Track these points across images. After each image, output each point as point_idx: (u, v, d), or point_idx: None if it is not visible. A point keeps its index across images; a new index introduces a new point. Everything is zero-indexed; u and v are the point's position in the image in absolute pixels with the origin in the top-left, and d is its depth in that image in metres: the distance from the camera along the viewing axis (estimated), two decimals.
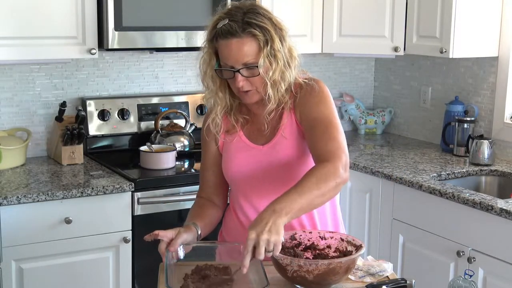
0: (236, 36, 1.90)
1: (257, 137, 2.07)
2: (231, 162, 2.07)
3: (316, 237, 1.94)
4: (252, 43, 1.91)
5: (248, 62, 1.92)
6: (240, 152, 2.06)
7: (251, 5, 1.97)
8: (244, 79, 1.94)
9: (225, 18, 1.92)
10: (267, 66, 1.93)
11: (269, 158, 2.03)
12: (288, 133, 2.02)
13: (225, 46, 1.92)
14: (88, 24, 3.07)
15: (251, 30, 1.90)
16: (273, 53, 1.94)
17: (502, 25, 3.44)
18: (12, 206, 2.73)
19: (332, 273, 1.75)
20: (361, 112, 4.17)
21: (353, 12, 3.63)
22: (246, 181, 2.06)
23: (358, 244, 1.88)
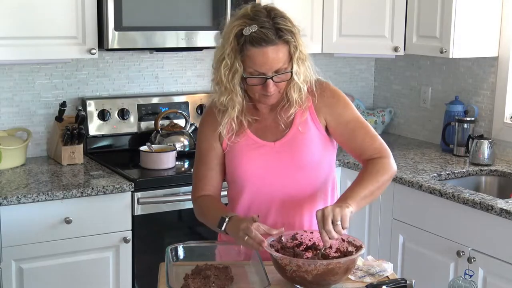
0: (272, 44, 1.89)
1: (265, 134, 2.06)
2: (241, 160, 2.06)
3: (318, 237, 1.93)
4: (285, 49, 1.92)
5: (280, 68, 1.92)
6: (250, 150, 2.05)
7: (272, 8, 1.96)
8: (274, 84, 1.94)
9: (252, 24, 1.89)
10: (298, 71, 1.95)
11: (281, 154, 2.03)
12: (304, 129, 2.03)
13: (259, 54, 1.89)
14: (88, 24, 3.07)
15: (285, 37, 1.91)
16: (301, 57, 1.96)
17: (502, 25, 3.44)
18: (12, 206, 2.73)
19: (331, 273, 1.75)
20: (361, 112, 4.17)
21: (353, 12, 3.63)
22: (256, 179, 2.05)
23: (358, 244, 1.88)
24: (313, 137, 2.05)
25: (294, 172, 2.03)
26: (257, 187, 2.05)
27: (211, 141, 2.10)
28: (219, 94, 2.00)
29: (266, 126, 2.07)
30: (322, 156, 2.08)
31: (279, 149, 2.03)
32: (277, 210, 2.06)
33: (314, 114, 2.06)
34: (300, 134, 2.03)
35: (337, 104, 2.08)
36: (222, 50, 1.95)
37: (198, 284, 1.77)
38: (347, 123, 2.06)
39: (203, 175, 2.13)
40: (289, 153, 2.03)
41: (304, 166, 2.04)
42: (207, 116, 2.12)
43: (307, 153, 2.04)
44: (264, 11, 1.93)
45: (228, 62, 1.93)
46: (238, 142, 2.05)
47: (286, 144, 2.03)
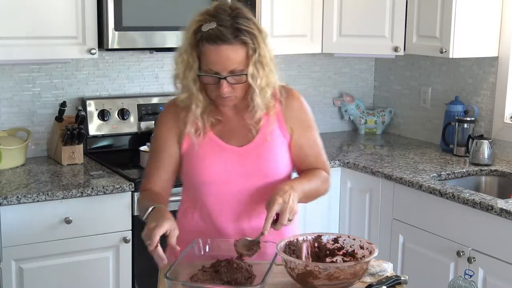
0: (226, 43, 1.84)
1: (230, 137, 2.01)
2: (204, 164, 1.99)
3: (357, 245, 1.92)
4: (242, 50, 1.87)
5: (235, 69, 1.88)
6: (213, 154, 1.99)
7: (236, 8, 1.92)
8: (228, 85, 1.90)
9: (212, 21, 1.86)
10: (255, 74, 1.90)
11: (246, 160, 1.99)
12: (271, 137, 2.01)
13: (213, 52, 1.86)
14: (88, 24, 3.07)
15: (242, 37, 1.86)
16: (260, 60, 1.90)
17: (502, 25, 3.44)
18: (12, 206, 2.73)
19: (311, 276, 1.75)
20: (361, 112, 4.17)
21: (353, 12, 3.63)
22: (218, 183, 1.99)
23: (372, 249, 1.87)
24: (279, 146, 2.02)
25: (257, 179, 2.00)
26: (218, 192, 2.00)
27: (167, 140, 2.03)
28: (180, 91, 1.98)
29: (231, 129, 2.02)
30: (286, 166, 2.05)
31: (244, 154, 1.99)
32: (238, 215, 2.02)
33: (282, 123, 2.03)
34: (267, 142, 2.00)
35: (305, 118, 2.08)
36: (181, 46, 1.93)
37: (207, 277, 1.77)
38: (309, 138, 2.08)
39: (152, 172, 2.06)
40: (254, 159, 1.99)
41: (266, 174, 2.00)
42: (168, 114, 2.05)
43: (271, 161, 2.01)
44: (228, 10, 1.89)
45: (184, 57, 1.90)
46: (200, 143, 1.99)
47: (252, 150, 2.00)
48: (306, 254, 1.90)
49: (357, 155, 3.60)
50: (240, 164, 1.99)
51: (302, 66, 4.09)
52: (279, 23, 3.56)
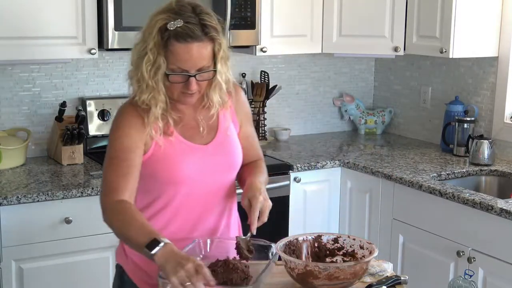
0: (197, 40, 1.82)
1: (192, 136, 1.99)
2: (175, 165, 1.94)
3: (357, 245, 1.92)
4: (210, 46, 1.87)
5: (203, 66, 1.87)
6: (184, 154, 1.96)
7: (196, 4, 1.89)
8: (196, 82, 1.88)
9: (177, 19, 1.83)
10: (221, 70, 1.91)
11: (215, 157, 1.99)
12: (230, 131, 2.04)
13: (183, 50, 1.83)
14: (88, 24, 3.07)
15: (211, 34, 1.85)
16: (225, 56, 1.91)
17: (502, 25, 3.44)
18: (12, 206, 2.73)
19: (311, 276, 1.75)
20: (361, 112, 4.17)
21: (353, 12, 3.63)
22: (189, 184, 1.95)
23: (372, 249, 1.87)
24: (236, 139, 2.07)
25: (225, 173, 2.03)
26: (189, 191, 1.96)
27: (135, 143, 1.92)
28: (140, 91, 1.89)
29: (190, 126, 2.00)
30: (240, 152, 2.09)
31: (212, 151, 1.99)
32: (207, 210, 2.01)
33: (234, 117, 2.07)
34: (228, 137, 2.03)
35: (249, 112, 2.16)
36: (144, 45, 1.86)
37: None
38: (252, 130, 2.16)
39: (121, 181, 1.89)
40: (222, 155, 2.01)
41: (234, 167, 2.05)
42: (128, 116, 1.94)
43: (237, 154, 2.05)
44: (189, 7, 1.86)
45: (150, 57, 1.84)
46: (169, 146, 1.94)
47: (218, 146, 2.01)
48: (306, 254, 1.91)
49: (357, 155, 3.60)
50: (209, 161, 1.98)
51: (302, 66, 4.09)
52: (279, 23, 3.56)
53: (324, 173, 3.47)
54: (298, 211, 3.42)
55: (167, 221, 1.99)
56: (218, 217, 2.04)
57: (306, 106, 4.14)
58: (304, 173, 3.39)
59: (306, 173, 3.40)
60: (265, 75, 3.85)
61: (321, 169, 3.44)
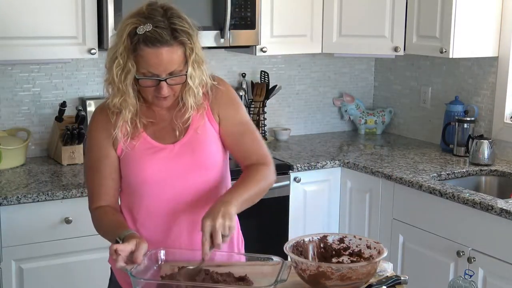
0: (166, 45, 1.80)
1: (163, 136, 1.98)
2: (139, 165, 1.96)
3: (364, 245, 1.91)
4: (180, 50, 1.84)
5: (175, 70, 1.86)
6: (148, 154, 1.95)
7: (169, 7, 1.87)
8: (168, 86, 1.87)
9: (146, 23, 1.81)
10: (193, 74, 1.89)
11: (182, 156, 1.96)
12: (202, 131, 1.98)
13: (152, 55, 1.81)
14: (88, 24, 3.07)
15: (181, 38, 1.83)
16: (197, 59, 1.88)
17: (502, 25, 3.44)
18: (12, 206, 2.73)
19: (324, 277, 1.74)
20: (361, 112, 4.17)
21: (353, 12, 3.63)
22: (157, 184, 1.96)
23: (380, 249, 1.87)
24: (210, 138, 2.00)
25: (195, 173, 1.97)
26: (158, 192, 1.96)
27: (104, 147, 1.97)
28: (112, 95, 1.90)
29: (163, 128, 1.98)
30: (219, 156, 2.03)
31: (178, 151, 1.96)
32: (181, 212, 1.99)
33: (210, 115, 2.00)
34: (197, 135, 1.98)
35: (230, 104, 2.03)
36: (114, 49, 1.85)
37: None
38: (237, 125, 2.03)
39: (98, 184, 1.99)
40: (190, 154, 1.97)
41: (204, 167, 1.99)
42: (98, 120, 1.99)
43: (207, 153, 1.99)
44: (161, 10, 1.84)
45: (120, 61, 1.84)
46: (134, 146, 1.95)
47: (186, 145, 1.97)
48: (313, 255, 1.90)
49: (357, 155, 3.60)
50: (176, 161, 1.96)
51: (302, 66, 4.09)
52: (279, 23, 3.56)
53: (324, 173, 3.47)
54: (298, 211, 3.42)
55: (142, 222, 2.01)
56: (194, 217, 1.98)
57: (306, 106, 4.14)
58: (304, 173, 3.39)
59: (306, 173, 3.40)
60: (265, 75, 3.85)
61: (321, 169, 3.44)
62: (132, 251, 1.75)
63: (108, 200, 2.00)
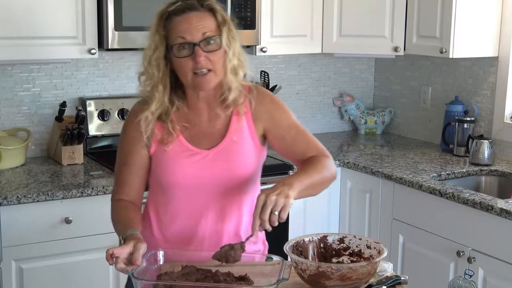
0: (195, 10, 1.85)
1: (200, 141, 1.96)
2: (172, 168, 1.95)
3: (364, 245, 1.90)
4: (211, 18, 1.87)
5: (208, 34, 1.85)
6: (182, 157, 1.94)
7: None
8: (204, 55, 1.85)
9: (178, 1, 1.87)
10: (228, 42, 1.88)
11: (216, 162, 1.94)
12: (239, 138, 1.96)
13: (182, 21, 1.85)
14: (88, 24, 3.07)
15: (212, 6, 1.87)
16: (232, 35, 1.89)
17: (502, 25, 3.44)
18: (12, 206, 2.73)
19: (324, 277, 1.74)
20: (361, 112, 4.17)
21: (353, 12, 3.63)
22: (187, 189, 1.95)
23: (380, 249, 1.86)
24: (247, 147, 1.97)
25: (226, 181, 1.95)
26: (186, 196, 1.96)
27: (136, 144, 1.98)
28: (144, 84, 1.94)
29: (201, 132, 1.97)
30: (254, 167, 2.00)
31: (213, 157, 1.94)
32: (207, 218, 1.98)
33: (251, 122, 1.98)
34: (234, 143, 1.95)
35: (277, 110, 2.01)
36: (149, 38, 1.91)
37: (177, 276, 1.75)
38: (289, 128, 2.00)
39: (124, 178, 2.00)
40: (224, 162, 1.94)
41: (237, 176, 1.96)
42: (133, 118, 1.98)
43: (241, 162, 1.96)
44: None
45: (151, 44, 1.89)
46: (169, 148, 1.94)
47: (221, 152, 1.95)
48: (313, 255, 1.90)
49: (357, 155, 3.60)
50: (208, 168, 1.94)
51: (302, 66, 4.09)
52: (279, 23, 3.56)
53: None
54: (298, 211, 3.41)
55: (166, 224, 2.00)
56: (220, 225, 1.98)
57: (306, 106, 4.14)
58: None
59: None
60: (265, 75, 3.85)
61: None
62: (130, 253, 1.74)
63: (131, 195, 1.99)
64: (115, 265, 1.73)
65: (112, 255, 1.73)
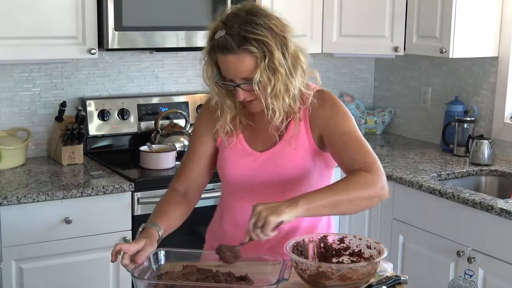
0: (232, 52, 1.82)
1: (257, 143, 2.00)
2: (227, 164, 2.02)
3: (364, 245, 1.90)
4: (249, 59, 1.83)
5: (247, 77, 1.86)
6: (237, 156, 2.00)
7: (250, 12, 1.87)
8: (245, 92, 1.89)
9: (222, 29, 1.83)
10: (265, 81, 1.85)
11: (266, 166, 1.97)
12: (295, 144, 1.96)
13: (222, 61, 1.86)
14: (88, 24, 3.07)
15: (247, 47, 1.82)
16: (272, 67, 1.84)
17: (502, 25, 3.44)
18: (12, 206, 2.73)
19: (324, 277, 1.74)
20: (361, 112, 4.17)
21: (353, 12, 3.63)
22: (241, 186, 2.01)
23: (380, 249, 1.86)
24: (302, 151, 1.96)
25: (279, 184, 1.96)
26: (241, 193, 2.00)
27: (203, 134, 2.06)
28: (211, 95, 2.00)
29: (259, 133, 2.00)
30: (309, 171, 1.98)
31: (264, 160, 1.97)
32: None
33: (308, 126, 1.97)
34: (288, 147, 1.96)
35: (336, 116, 1.96)
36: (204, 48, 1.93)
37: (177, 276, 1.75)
38: (342, 134, 1.94)
39: (184, 164, 2.08)
40: (273, 166, 1.97)
41: (289, 180, 1.96)
42: (205, 109, 2.08)
43: (291, 167, 1.96)
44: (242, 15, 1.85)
45: (206, 66, 1.93)
46: (230, 144, 2.00)
47: (272, 156, 1.97)
48: (313, 254, 1.90)
49: None
50: (258, 170, 1.98)
51: None
52: None
53: None
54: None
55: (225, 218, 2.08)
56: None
57: None
58: None
59: None
60: None
61: None
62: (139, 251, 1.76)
63: (186, 185, 2.05)
64: (121, 260, 1.76)
65: (118, 252, 1.76)
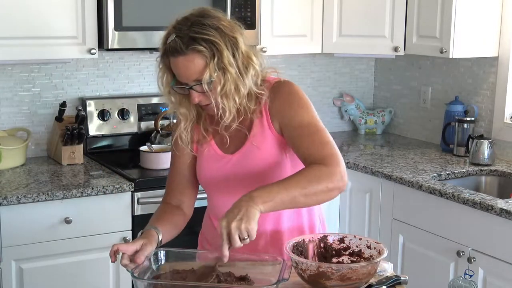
0: (181, 54, 1.81)
1: (229, 145, 1.98)
2: (202, 169, 2.03)
3: (364, 245, 1.91)
4: (198, 59, 1.81)
5: (198, 78, 1.83)
6: (210, 161, 2.01)
7: (200, 14, 1.86)
8: (199, 94, 1.86)
9: (173, 33, 1.83)
10: (216, 81, 1.83)
11: (239, 166, 1.97)
12: (258, 142, 1.95)
13: (174, 64, 1.84)
14: (88, 24, 3.07)
15: (195, 46, 1.79)
16: (222, 67, 1.82)
17: (502, 25, 3.44)
18: (12, 206, 2.73)
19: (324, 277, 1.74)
20: (361, 112, 4.17)
21: (353, 12, 3.63)
22: (217, 189, 2.02)
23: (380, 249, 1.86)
24: (268, 146, 1.94)
25: (254, 182, 1.91)
26: (221, 195, 2.01)
27: (180, 146, 2.04)
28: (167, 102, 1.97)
29: (230, 135, 1.96)
30: (280, 162, 1.96)
31: (236, 161, 1.97)
32: None
33: (269, 119, 1.94)
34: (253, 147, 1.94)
35: (290, 107, 1.91)
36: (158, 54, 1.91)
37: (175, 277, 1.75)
38: (297, 127, 1.90)
39: (170, 180, 2.12)
40: (246, 166, 1.95)
41: (261, 177, 1.94)
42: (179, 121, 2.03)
43: (262, 164, 1.95)
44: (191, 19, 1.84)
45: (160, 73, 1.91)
46: (203, 151, 2.01)
47: (242, 156, 1.96)
48: (313, 254, 1.90)
49: (357, 155, 3.60)
50: (232, 172, 1.98)
51: (302, 66, 4.09)
52: (279, 23, 3.56)
53: None
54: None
55: (208, 217, 2.12)
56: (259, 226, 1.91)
57: None
58: None
59: None
60: None
61: None
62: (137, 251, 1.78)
63: (177, 198, 2.08)
64: (121, 260, 1.77)
65: (116, 252, 1.77)
